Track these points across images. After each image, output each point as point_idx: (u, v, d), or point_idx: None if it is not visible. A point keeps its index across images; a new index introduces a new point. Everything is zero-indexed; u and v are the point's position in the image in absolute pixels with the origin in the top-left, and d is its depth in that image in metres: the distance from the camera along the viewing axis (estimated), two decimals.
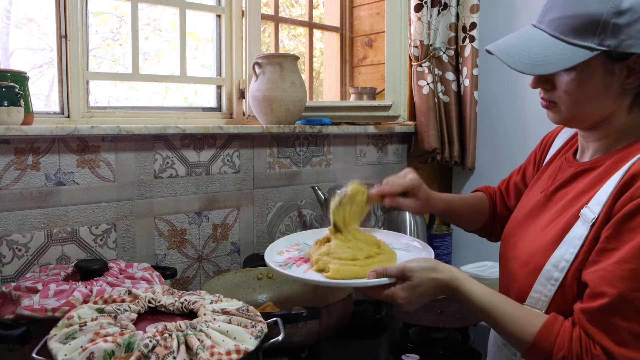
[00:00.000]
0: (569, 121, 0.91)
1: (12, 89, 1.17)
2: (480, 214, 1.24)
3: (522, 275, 0.92)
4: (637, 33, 0.79)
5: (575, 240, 0.84)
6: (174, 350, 0.76)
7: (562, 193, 0.94)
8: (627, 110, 0.87)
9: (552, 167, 1.03)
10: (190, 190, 1.52)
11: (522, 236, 0.98)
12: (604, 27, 0.79)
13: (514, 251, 0.98)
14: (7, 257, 1.24)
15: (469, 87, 1.93)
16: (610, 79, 0.83)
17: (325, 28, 2.20)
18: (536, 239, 0.92)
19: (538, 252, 0.89)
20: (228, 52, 1.73)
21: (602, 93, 0.85)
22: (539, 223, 0.95)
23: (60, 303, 0.96)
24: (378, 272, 0.90)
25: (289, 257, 1.05)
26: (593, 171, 0.90)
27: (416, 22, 1.92)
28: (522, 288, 0.90)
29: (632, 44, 0.80)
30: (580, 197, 0.88)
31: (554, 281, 0.85)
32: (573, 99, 0.86)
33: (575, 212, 0.86)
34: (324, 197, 1.64)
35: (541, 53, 0.84)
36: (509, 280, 0.97)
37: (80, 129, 1.27)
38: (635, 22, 0.79)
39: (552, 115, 0.92)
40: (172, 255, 1.50)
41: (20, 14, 1.43)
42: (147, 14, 1.70)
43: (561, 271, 0.84)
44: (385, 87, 2.02)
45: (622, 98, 0.86)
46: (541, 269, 0.87)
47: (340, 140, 1.86)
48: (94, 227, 1.36)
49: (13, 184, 1.24)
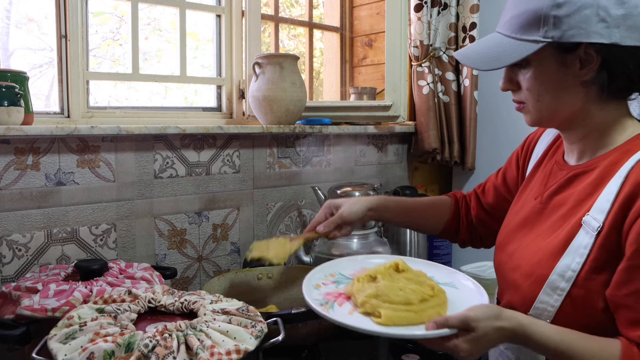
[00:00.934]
0: (539, 120, 0.93)
1: (12, 89, 1.17)
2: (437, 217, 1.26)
3: (525, 285, 0.91)
4: (578, 23, 0.82)
5: (580, 249, 0.84)
6: (174, 350, 0.76)
7: (558, 199, 0.94)
8: (598, 105, 0.88)
9: (543, 170, 1.03)
10: (190, 190, 1.52)
11: (520, 244, 0.97)
12: (545, 20, 0.83)
13: (513, 260, 0.97)
14: (7, 257, 1.24)
15: (469, 87, 1.93)
16: (565, 71, 0.86)
17: (325, 28, 2.20)
18: (537, 249, 0.92)
19: (541, 262, 0.89)
20: (228, 52, 1.73)
21: (560, 87, 0.87)
22: (538, 231, 0.94)
23: (60, 303, 0.96)
24: (438, 322, 0.82)
25: (327, 293, 0.97)
26: (587, 175, 0.90)
27: (416, 22, 1.92)
28: (526, 298, 0.90)
29: (574, 33, 0.82)
30: (580, 205, 0.88)
31: (561, 291, 0.85)
32: (534, 95, 0.89)
33: (577, 221, 0.86)
34: (324, 197, 1.64)
35: (494, 51, 0.89)
36: (511, 289, 0.96)
37: (80, 129, 1.27)
38: (574, 13, 0.82)
39: (525, 117, 0.95)
40: (172, 255, 1.50)
41: (20, 14, 1.43)
42: (147, 14, 1.70)
43: (568, 281, 0.84)
44: (385, 87, 2.02)
45: (585, 92, 0.87)
46: (545, 279, 0.86)
47: (340, 140, 1.86)
48: (94, 227, 1.36)
49: (13, 184, 1.24)
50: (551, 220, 0.93)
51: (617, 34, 0.81)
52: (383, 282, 0.93)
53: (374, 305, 0.88)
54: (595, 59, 0.83)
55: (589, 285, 0.83)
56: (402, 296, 0.88)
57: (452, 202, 1.27)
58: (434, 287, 0.93)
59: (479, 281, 1.63)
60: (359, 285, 0.94)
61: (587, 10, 0.81)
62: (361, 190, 1.58)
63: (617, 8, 0.81)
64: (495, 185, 1.21)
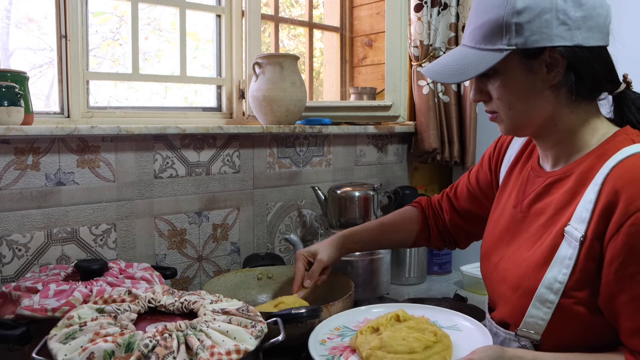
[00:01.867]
0: (513, 128, 0.93)
1: (12, 89, 1.17)
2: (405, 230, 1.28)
3: (514, 298, 0.91)
4: (540, 28, 0.82)
5: (566, 260, 0.83)
6: (174, 350, 0.76)
7: (538, 208, 0.94)
8: (567, 109, 0.88)
9: (519, 176, 1.03)
10: (190, 190, 1.52)
11: (503, 255, 0.98)
12: (507, 28, 0.84)
13: (499, 271, 0.97)
14: (7, 257, 1.24)
15: (469, 87, 1.93)
16: (533, 77, 0.86)
17: (325, 28, 2.20)
18: (522, 260, 0.92)
19: (527, 274, 0.89)
20: (228, 52, 1.73)
21: (530, 93, 0.87)
22: (521, 241, 0.95)
23: (60, 303, 0.96)
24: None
25: (333, 347, 0.99)
26: (564, 182, 0.90)
27: (416, 22, 1.92)
28: (516, 311, 0.90)
29: (537, 39, 0.83)
30: (560, 213, 0.88)
31: (550, 304, 0.84)
32: (506, 103, 0.89)
33: (558, 230, 0.86)
34: (324, 197, 1.64)
35: (460, 63, 0.89)
36: (500, 301, 0.97)
37: (80, 129, 1.27)
38: (535, 18, 0.82)
39: (500, 127, 0.95)
40: (172, 255, 1.50)
41: (20, 14, 1.43)
42: (147, 14, 1.70)
43: (556, 293, 0.84)
44: (385, 87, 2.02)
45: (555, 96, 0.87)
46: (533, 292, 0.86)
47: (340, 140, 1.86)
48: (94, 227, 1.36)
49: (13, 184, 1.24)
50: (532, 230, 0.93)
51: (579, 36, 0.82)
52: (386, 332, 0.94)
53: (378, 357, 0.89)
54: (561, 62, 0.84)
55: (577, 295, 0.83)
56: (405, 345, 0.90)
57: (419, 211, 1.29)
58: (437, 333, 0.94)
59: (478, 281, 1.64)
60: (362, 338, 0.96)
61: (546, 14, 0.82)
62: (361, 190, 1.58)
63: (576, 10, 0.82)
64: (468, 188, 1.21)
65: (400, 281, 1.77)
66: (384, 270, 1.53)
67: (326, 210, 1.63)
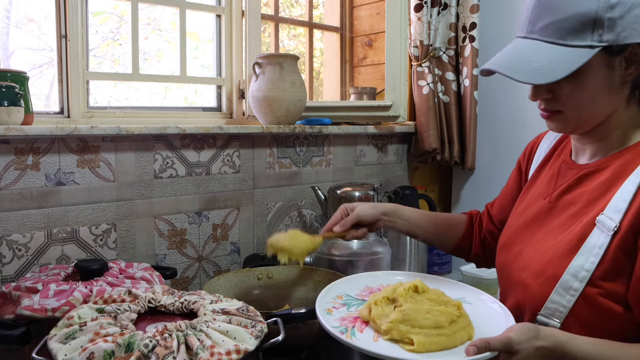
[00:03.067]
0: (576, 127, 0.89)
1: (12, 89, 1.17)
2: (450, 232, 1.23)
3: (535, 285, 0.89)
4: (630, 24, 0.80)
5: (595, 249, 0.82)
6: (174, 350, 0.76)
7: (568, 198, 0.92)
8: (625, 105, 0.87)
9: (549, 171, 1.01)
10: (190, 190, 1.52)
11: (527, 244, 0.95)
12: (599, 23, 0.80)
13: (520, 260, 0.95)
14: (7, 257, 1.24)
15: (469, 87, 1.93)
16: (612, 74, 0.83)
17: (325, 28, 2.20)
18: (547, 248, 0.90)
19: (552, 261, 0.87)
20: (228, 52, 1.73)
21: (604, 90, 0.85)
22: (547, 230, 0.93)
23: (60, 303, 0.96)
24: (479, 346, 0.77)
25: (342, 318, 0.92)
26: (598, 174, 0.88)
27: (416, 22, 1.92)
28: (536, 298, 0.88)
29: (628, 35, 0.80)
30: (592, 204, 0.86)
31: (574, 291, 0.83)
32: (577, 102, 0.85)
33: (590, 220, 0.85)
34: (324, 197, 1.64)
35: (543, 61, 0.83)
36: (518, 289, 0.94)
37: (80, 129, 1.27)
38: (627, 13, 0.79)
39: (555, 125, 0.90)
40: (172, 255, 1.50)
41: (20, 14, 1.43)
42: (147, 13, 1.70)
43: (581, 281, 0.82)
44: (385, 87, 2.02)
45: (621, 91, 0.85)
46: (557, 279, 0.84)
47: (340, 140, 1.86)
48: (94, 227, 1.36)
49: (13, 184, 1.24)
50: (561, 219, 0.91)
51: None
52: (407, 305, 0.87)
53: (402, 332, 0.82)
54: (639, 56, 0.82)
55: (604, 286, 0.81)
56: (431, 319, 0.83)
57: (467, 218, 1.26)
58: (459, 307, 0.89)
59: (479, 281, 1.63)
60: (378, 310, 0.89)
61: (636, 9, 0.79)
62: (361, 190, 1.58)
63: None
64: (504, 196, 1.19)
65: None
66: (384, 270, 1.53)
67: (326, 210, 1.63)
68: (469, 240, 1.24)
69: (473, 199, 2.04)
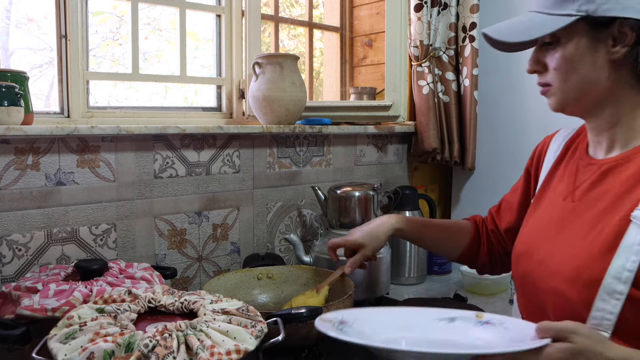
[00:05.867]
0: (564, 102, 0.89)
1: (12, 89, 1.17)
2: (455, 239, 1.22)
3: (572, 292, 0.83)
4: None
5: (635, 246, 0.77)
6: (174, 350, 0.76)
7: (593, 195, 0.88)
8: (631, 89, 0.84)
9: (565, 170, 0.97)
10: (190, 190, 1.52)
11: (551, 249, 0.90)
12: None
13: (546, 266, 0.89)
14: (7, 257, 1.24)
15: (469, 87, 1.93)
16: (596, 48, 0.83)
17: (325, 28, 2.20)
18: (577, 250, 0.85)
19: (588, 263, 0.82)
20: (228, 52, 1.73)
21: (590, 65, 0.84)
22: (573, 231, 0.88)
23: (60, 303, 0.95)
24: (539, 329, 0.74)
25: None
26: (623, 168, 0.85)
27: (416, 22, 1.92)
28: (578, 307, 0.82)
29: (610, 7, 0.80)
30: (622, 200, 0.82)
31: (619, 295, 0.77)
32: (562, 74, 0.87)
33: (623, 216, 0.80)
34: (324, 197, 1.64)
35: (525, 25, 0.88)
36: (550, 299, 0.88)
37: (80, 129, 1.27)
38: None
39: (549, 101, 0.92)
40: (172, 255, 1.50)
41: (20, 14, 1.43)
42: (147, 13, 1.70)
43: (625, 283, 0.77)
44: (385, 87, 2.02)
45: (617, 73, 0.84)
46: (597, 283, 0.79)
47: (340, 140, 1.86)
48: (94, 227, 1.36)
49: (13, 184, 1.24)
50: (587, 218, 0.86)
51: None
52: None
53: None
54: (629, 35, 0.81)
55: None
56: None
57: (472, 225, 1.23)
58: None
59: (479, 281, 1.63)
60: None
61: None
62: (361, 190, 1.58)
63: None
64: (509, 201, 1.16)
65: (400, 281, 1.77)
66: (384, 270, 1.53)
67: (326, 210, 1.63)
68: (476, 247, 1.22)
69: (473, 199, 2.04)
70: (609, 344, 0.74)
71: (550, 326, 0.73)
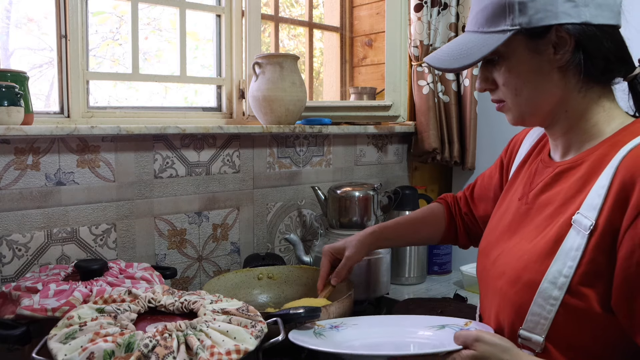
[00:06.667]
0: (521, 116, 0.88)
1: (12, 89, 1.17)
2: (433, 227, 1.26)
3: (512, 293, 0.84)
4: (544, 5, 0.79)
5: (572, 252, 0.77)
6: (174, 350, 0.76)
7: (544, 198, 0.88)
8: (578, 93, 0.84)
9: (527, 170, 0.98)
10: (190, 190, 1.52)
11: (504, 250, 0.91)
12: (510, 8, 0.81)
13: (497, 267, 0.90)
14: (7, 257, 1.24)
15: (469, 87, 1.93)
16: (539, 59, 0.83)
17: (325, 28, 2.20)
18: (522, 253, 0.85)
19: (528, 266, 0.82)
20: (228, 52, 1.73)
21: (537, 76, 0.84)
22: (524, 233, 0.88)
23: (60, 303, 0.96)
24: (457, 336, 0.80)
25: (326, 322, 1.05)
26: (574, 171, 0.84)
27: (416, 22, 1.92)
28: (518, 309, 0.83)
29: (542, 17, 0.80)
30: (568, 203, 0.82)
31: (554, 300, 0.77)
32: (512, 89, 0.86)
33: (565, 220, 0.80)
34: (324, 197, 1.64)
35: (462, 48, 0.86)
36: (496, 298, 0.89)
37: (80, 129, 1.27)
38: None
39: (507, 117, 0.91)
40: (172, 255, 1.50)
41: (20, 14, 1.43)
42: (147, 13, 1.70)
43: (560, 288, 0.77)
44: (385, 87, 2.02)
45: (563, 79, 0.83)
46: (534, 286, 0.79)
47: (340, 140, 1.86)
48: (94, 227, 1.36)
49: (13, 184, 1.24)
50: (537, 221, 0.87)
51: (587, 13, 0.79)
52: None
53: None
54: (569, 40, 0.80)
55: (584, 291, 0.76)
56: None
57: (444, 208, 1.26)
58: None
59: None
60: None
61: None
62: (361, 190, 1.58)
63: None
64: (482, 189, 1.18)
65: (400, 281, 1.77)
66: (384, 271, 1.53)
67: (326, 210, 1.63)
68: (453, 229, 1.26)
69: None
70: (515, 352, 0.76)
71: (460, 334, 0.79)
